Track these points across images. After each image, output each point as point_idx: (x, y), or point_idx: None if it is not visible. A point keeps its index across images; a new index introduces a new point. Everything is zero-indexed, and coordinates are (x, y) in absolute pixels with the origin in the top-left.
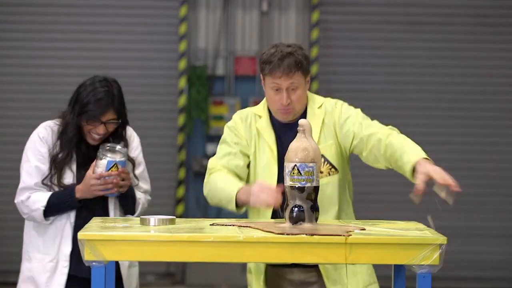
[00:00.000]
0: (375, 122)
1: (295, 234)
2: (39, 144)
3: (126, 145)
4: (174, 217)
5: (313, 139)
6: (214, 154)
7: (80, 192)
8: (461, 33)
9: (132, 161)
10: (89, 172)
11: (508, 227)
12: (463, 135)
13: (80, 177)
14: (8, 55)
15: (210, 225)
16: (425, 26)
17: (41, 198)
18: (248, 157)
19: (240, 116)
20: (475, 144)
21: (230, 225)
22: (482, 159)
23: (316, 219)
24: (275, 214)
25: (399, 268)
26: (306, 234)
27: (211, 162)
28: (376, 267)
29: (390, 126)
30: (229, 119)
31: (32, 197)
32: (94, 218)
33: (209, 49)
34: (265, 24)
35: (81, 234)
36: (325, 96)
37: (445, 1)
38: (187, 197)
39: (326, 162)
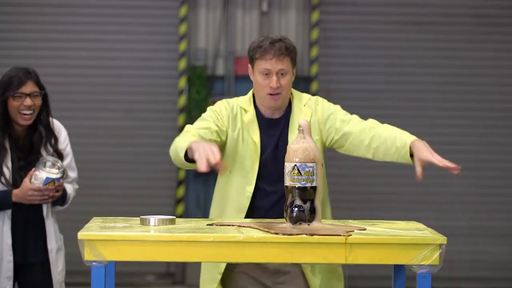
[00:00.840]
0: (355, 116)
1: (295, 234)
2: None
3: (58, 151)
4: (174, 217)
5: (313, 139)
6: None
7: (17, 197)
8: (461, 33)
9: (61, 154)
10: (27, 180)
11: (508, 227)
12: (463, 135)
13: (16, 172)
14: (8, 55)
15: (207, 225)
16: (425, 26)
17: None
18: (223, 142)
19: (226, 105)
20: (475, 144)
21: (228, 225)
22: (482, 159)
23: (314, 219)
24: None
25: (399, 268)
26: (306, 234)
27: (187, 127)
28: (376, 267)
29: (370, 119)
30: None
31: None
32: (94, 218)
33: (209, 49)
34: (265, 24)
35: (81, 234)
36: (324, 96)
37: (445, 1)
38: (187, 197)
39: None
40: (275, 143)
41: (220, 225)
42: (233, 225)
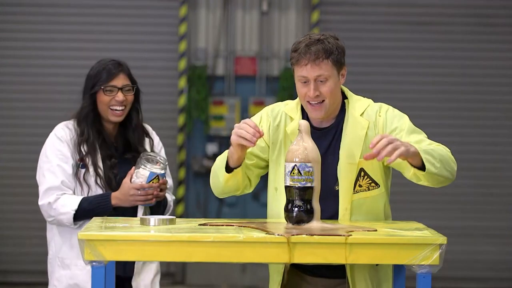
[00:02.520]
0: (423, 137)
1: (295, 234)
2: (58, 144)
3: (153, 146)
4: (174, 217)
5: (311, 140)
6: (214, 154)
7: (116, 199)
8: (461, 33)
9: None
10: (127, 180)
11: (508, 227)
12: (463, 135)
13: (107, 172)
14: (8, 55)
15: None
16: (425, 26)
17: (72, 201)
18: (260, 158)
19: (268, 114)
20: (475, 144)
21: (222, 225)
22: (482, 159)
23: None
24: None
25: (399, 268)
26: (306, 234)
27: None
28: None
29: (438, 144)
30: (229, 119)
31: (61, 200)
32: (94, 218)
33: (209, 49)
34: (265, 24)
35: (81, 234)
36: None
37: (445, 1)
38: (187, 197)
39: (366, 177)
40: (322, 155)
41: (215, 225)
42: (227, 225)
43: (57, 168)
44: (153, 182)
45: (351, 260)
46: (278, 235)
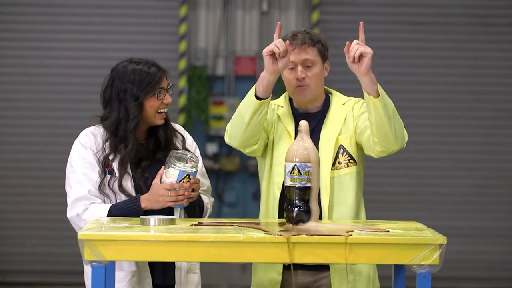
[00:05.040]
0: None
1: (295, 234)
2: (83, 151)
3: (184, 143)
4: (174, 217)
5: (311, 141)
6: (214, 154)
7: (146, 202)
8: (461, 33)
9: None
10: (156, 181)
11: (508, 227)
12: (462, 135)
13: (138, 178)
14: (8, 55)
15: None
16: (425, 26)
17: (100, 210)
18: (266, 130)
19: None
20: (475, 144)
21: (217, 225)
22: (482, 159)
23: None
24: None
25: (399, 268)
26: (306, 234)
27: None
28: (376, 267)
29: None
30: (229, 119)
31: (90, 210)
32: (93, 218)
33: (209, 49)
34: (265, 24)
35: (81, 234)
36: None
37: (445, 1)
38: None
39: (345, 153)
40: None
41: (206, 225)
42: (222, 225)
43: (83, 177)
44: (183, 182)
45: (351, 260)
46: (278, 235)
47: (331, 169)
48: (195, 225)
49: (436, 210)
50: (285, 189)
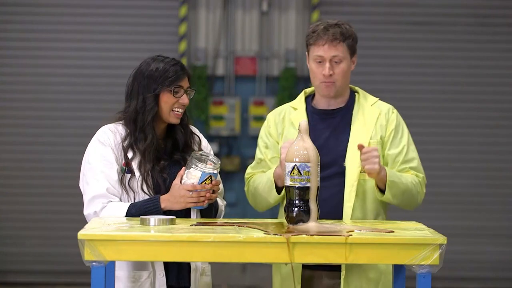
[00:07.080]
0: (415, 160)
1: (295, 234)
2: (101, 148)
3: (200, 146)
4: (174, 217)
5: (311, 140)
6: (214, 154)
7: (166, 202)
8: (461, 33)
9: None
10: (177, 182)
11: (508, 227)
12: (462, 135)
13: (157, 178)
14: (7, 55)
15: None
16: (425, 26)
17: (118, 209)
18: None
19: (274, 113)
20: (475, 144)
21: (213, 225)
22: (482, 159)
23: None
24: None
25: (399, 268)
26: (306, 234)
27: (247, 172)
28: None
29: (421, 175)
30: (229, 119)
31: (107, 208)
32: (93, 218)
33: (209, 49)
34: (265, 24)
35: (81, 234)
36: None
37: (445, 1)
38: None
39: None
40: (330, 133)
41: (207, 225)
42: (220, 225)
43: (101, 174)
44: (205, 183)
45: (351, 260)
46: (278, 235)
47: (360, 172)
48: (195, 225)
49: (436, 210)
50: (285, 189)
